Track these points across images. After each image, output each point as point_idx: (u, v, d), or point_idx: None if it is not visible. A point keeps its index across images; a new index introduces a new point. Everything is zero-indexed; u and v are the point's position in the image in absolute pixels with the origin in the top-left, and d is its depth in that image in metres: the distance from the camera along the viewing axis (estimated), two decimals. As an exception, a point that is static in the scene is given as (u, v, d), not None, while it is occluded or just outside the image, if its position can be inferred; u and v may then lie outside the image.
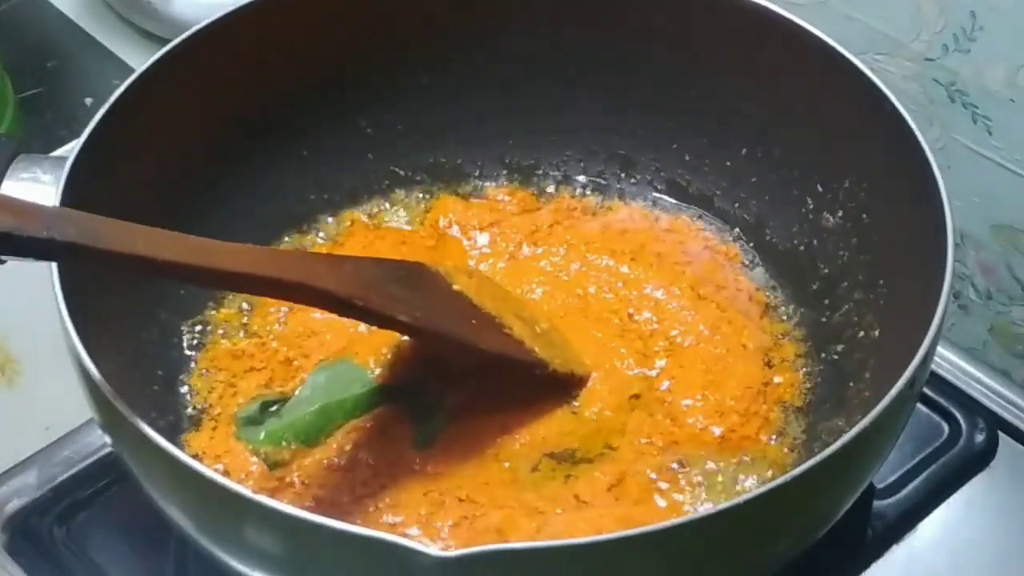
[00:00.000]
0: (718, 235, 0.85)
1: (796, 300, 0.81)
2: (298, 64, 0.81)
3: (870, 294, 0.76)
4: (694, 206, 0.86)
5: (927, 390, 0.82)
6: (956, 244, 0.73)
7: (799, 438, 0.74)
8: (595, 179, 0.88)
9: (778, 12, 0.77)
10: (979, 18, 0.85)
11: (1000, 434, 0.83)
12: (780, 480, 0.57)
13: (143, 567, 0.77)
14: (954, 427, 0.83)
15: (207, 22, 0.75)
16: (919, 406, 0.81)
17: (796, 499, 0.59)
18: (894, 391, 0.60)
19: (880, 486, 0.79)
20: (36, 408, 0.86)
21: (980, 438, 0.82)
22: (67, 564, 0.76)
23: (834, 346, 0.77)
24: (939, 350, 0.68)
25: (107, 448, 0.78)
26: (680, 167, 0.86)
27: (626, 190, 0.88)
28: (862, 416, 0.59)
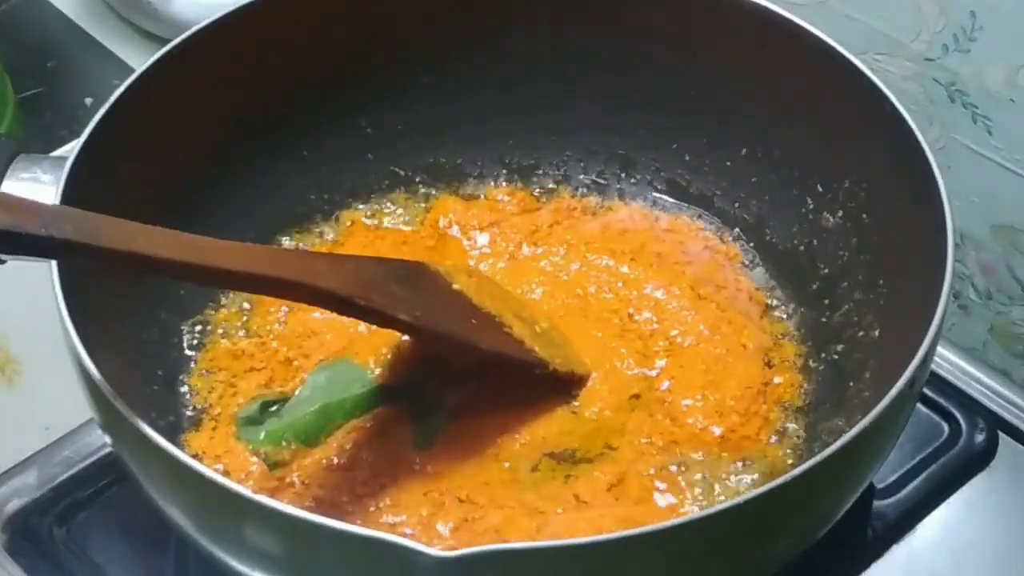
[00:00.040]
0: (718, 235, 0.85)
1: (796, 300, 0.81)
2: (298, 64, 0.81)
3: (870, 294, 0.76)
4: (694, 206, 0.86)
5: (927, 390, 0.82)
6: (956, 244, 0.73)
7: (799, 438, 0.74)
8: (595, 179, 0.88)
9: (778, 12, 0.77)
10: (979, 18, 0.85)
11: (1000, 434, 0.83)
12: (780, 480, 0.57)
13: (143, 567, 0.77)
14: (954, 427, 0.83)
15: (207, 22, 0.75)
16: (919, 406, 0.81)
17: (796, 499, 0.59)
18: (894, 391, 0.60)
19: (880, 486, 0.79)
20: (36, 408, 0.86)
21: (980, 438, 0.82)
22: (67, 564, 0.76)
23: (834, 346, 0.77)
24: (939, 350, 0.68)
25: (107, 448, 0.78)
26: (680, 167, 0.86)
27: (626, 190, 0.88)
28: (862, 416, 0.59)
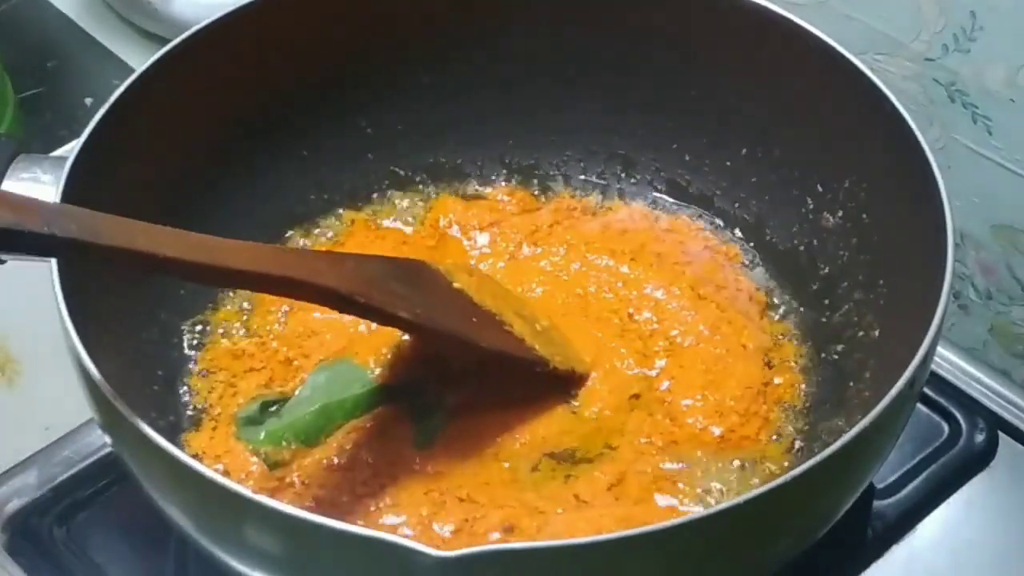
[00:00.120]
0: (718, 235, 0.85)
1: (796, 300, 0.81)
2: (298, 64, 0.81)
3: (870, 294, 0.76)
4: (694, 206, 0.86)
5: (927, 390, 0.81)
6: (956, 244, 0.73)
7: (799, 438, 0.74)
8: (595, 179, 0.88)
9: (778, 12, 0.77)
10: (979, 18, 0.85)
11: (1000, 434, 0.83)
12: (780, 480, 0.57)
13: (143, 567, 0.77)
14: (954, 427, 0.83)
15: (207, 22, 0.76)
16: (919, 406, 0.81)
17: (796, 499, 0.59)
18: (894, 391, 0.60)
19: (880, 486, 0.79)
20: (36, 408, 0.86)
21: (980, 438, 0.82)
22: (67, 564, 0.76)
23: (834, 346, 0.77)
24: (939, 350, 0.68)
25: (107, 448, 0.78)
26: (680, 167, 0.86)
27: (626, 190, 0.88)
28: (862, 416, 0.59)
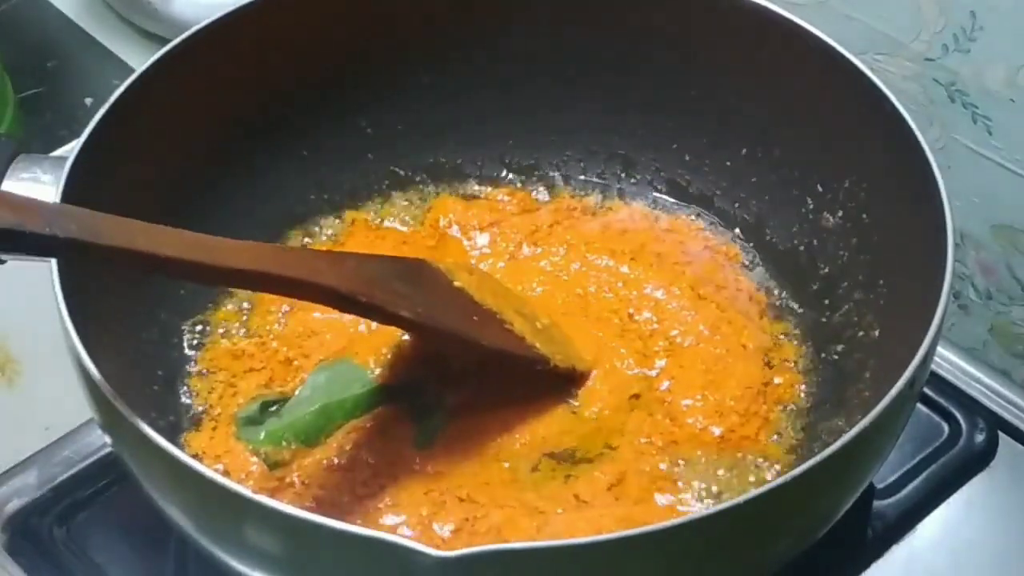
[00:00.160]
0: (718, 235, 0.85)
1: (796, 300, 0.81)
2: (298, 64, 0.81)
3: (870, 294, 0.76)
4: (694, 206, 0.86)
5: (927, 390, 0.81)
6: (956, 244, 0.73)
7: (799, 438, 0.74)
8: (595, 179, 0.88)
9: (778, 12, 0.77)
10: (979, 18, 0.85)
11: (1000, 434, 0.83)
12: (780, 480, 0.57)
13: (143, 567, 0.77)
14: (954, 427, 0.83)
15: (207, 22, 0.75)
16: (919, 406, 0.81)
17: (796, 499, 0.59)
18: (894, 391, 0.60)
19: (880, 486, 0.79)
20: (36, 408, 0.86)
21: (980, 438, 0.82)
22: (67, 564, 0.76)
23: (834, 346, 0.77)
24: (939, 350, 0.68)
25: (107, 448, 0.78)
26: (680, 167, 0.86)
27: (626, 190, 0.88)
28: (862, 416, 0.59)
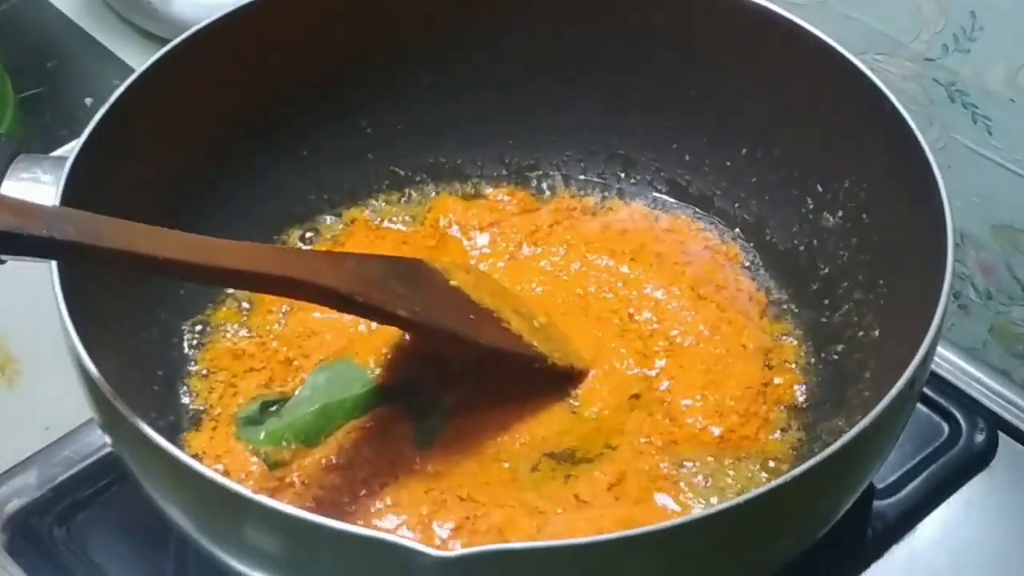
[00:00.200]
0: (718, 235, 0.85)
1: (796, 300, 0.81)
2: (298, 64, 0.81)
3: (870, 294, 0.76)
4: (694, 206, 0.86)
5: (927, 390, 0.81)
6: (956, 244, 0.73)
7: (799, 438, 0.74)
8: (595, 179, 0.88)
9: (778, 12, 0.77)
10: (979, 18, 0.85)
11: (1000, 434, 0.83)
12: (780, 480, 0.57)
13: (143, 567, 0.77)
14: (954, 427, 0.83)
15: (207, 22, 0.75)
16: (919, 406, 0.81)
17: (796, 499, 0.59)
18: (894, 391, 0.60)
19: (880, 486, 0.79)
20: (36, 408, 0.86)
21: (980, 438, 0.82)
22: (67, 564, 0.76)
23: (834, 346, 0.77)
24: (939, 350, 0.68)
25: (107, 448, 0.78)
26: (680, 167, 0.86)
27: (626, 190, 0.88)
28: (862, 416, 0.59)
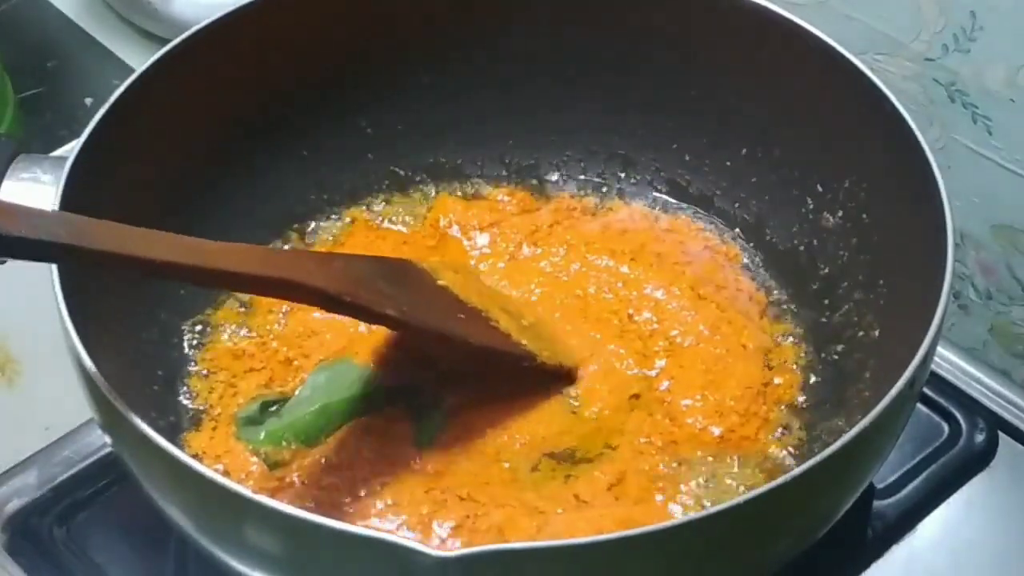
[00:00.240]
0: (718, 235, 0.85)
1: (796, 300, 0.81)
2: (298, 64, 0.81)
3: (870, 294, 0.76)
4: (694, 206, 0.86)
5: (927, 390, 0.81)
6: (956, 244, 0.73)
7: (799, 438, 0.74)
8: (595, 179, 0.88)
9: (778, 12, 0.77)
10: (979, 18, 0.85)
11: (1000, 434, 0.83)
12: (780, 480, 0.57)
13: (143, 567, 0.77)
14: (954, 427, 0.83)
15: (207, 22, 0.75)
16: (919, 406, 0.81)
17: (796, 499, 0.59)
18: (894, 391, 0.60)
19: (880, 486, 0.79)
20: (36, 408, 0.86)
21: (980, 438, 0.82)
22: (67, 564, 0.76)
23: (834, 346, 0.77)
24: (939, 350, 0.68)
25: (107, 448, 0.78)
26: (680, 167, 0.86)
27: (626, 190, 0.88)
28: (862, 416, 0.59)
